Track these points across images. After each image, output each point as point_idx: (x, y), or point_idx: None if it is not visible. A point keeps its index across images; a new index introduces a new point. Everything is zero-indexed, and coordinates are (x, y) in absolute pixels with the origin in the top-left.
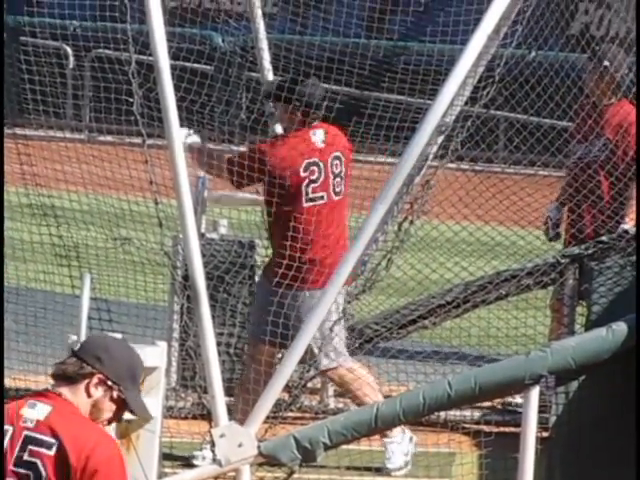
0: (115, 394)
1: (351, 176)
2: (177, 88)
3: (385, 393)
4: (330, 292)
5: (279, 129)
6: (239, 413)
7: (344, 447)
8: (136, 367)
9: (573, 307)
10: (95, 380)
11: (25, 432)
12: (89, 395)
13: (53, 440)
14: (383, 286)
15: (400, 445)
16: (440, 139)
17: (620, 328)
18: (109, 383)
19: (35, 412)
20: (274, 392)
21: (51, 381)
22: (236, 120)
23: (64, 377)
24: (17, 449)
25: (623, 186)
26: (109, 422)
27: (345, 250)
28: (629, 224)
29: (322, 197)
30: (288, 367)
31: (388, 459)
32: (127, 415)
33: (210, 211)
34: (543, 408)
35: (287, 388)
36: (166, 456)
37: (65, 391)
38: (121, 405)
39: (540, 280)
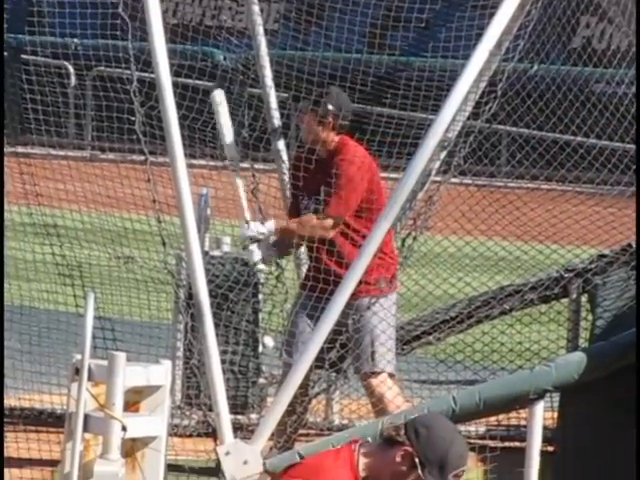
0: (418, 474)
1: None
2: (179, 106)
3: None
4: (338, 303)
5: (281, 145)
6: None
7: None
8: (451, 459)
9: (577, 321)
10: (402, 451)
11: None
12: (393, 463)
13: None
14: None
15: None
16: (443, 154)
17: (624, 342)
18: (415, 460)
19: None
20: (279, 409)
21: None
22: (238, 137)
23: (383, 436)
24: None
25: None
26: None
27: None
28: None
29: None
30: (294, 382)
31: None
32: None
33: (213, 229)
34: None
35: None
36: (171, 475)
37: (374, 447)
38: None
39: (544, 295)
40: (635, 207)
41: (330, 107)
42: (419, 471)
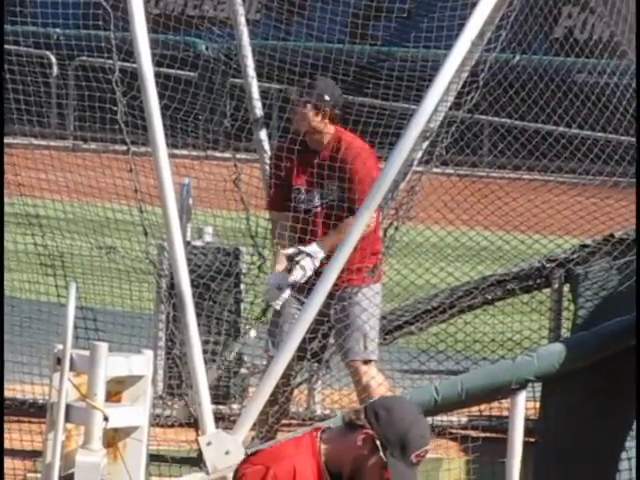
0: (380, 457)
1: None
2: (161, 95)
3: None
4: (320, 293)
5: (263, 135)
6: None
7: None
8: (412, 439)
9: (559, 311)
10: (363, 435)
11: None
12: (354, 447)
13: None
14: None
15: None
16: (425, 144)
17: (605, 332)
18: (376, 442)
19: None
20: (261, 399)
21: None
22: (220, 127)
23: (345, 420)
24: None
25: None
26: None
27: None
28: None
29: None
30: (276, 372)
31: None
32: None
33: (195, 218)
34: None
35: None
36: (153, 464)
37: (336, 432)
38: (384, 471)
39: (526, 285)
40: (633, 197)
41: (327, 97)
42: (381, 453)
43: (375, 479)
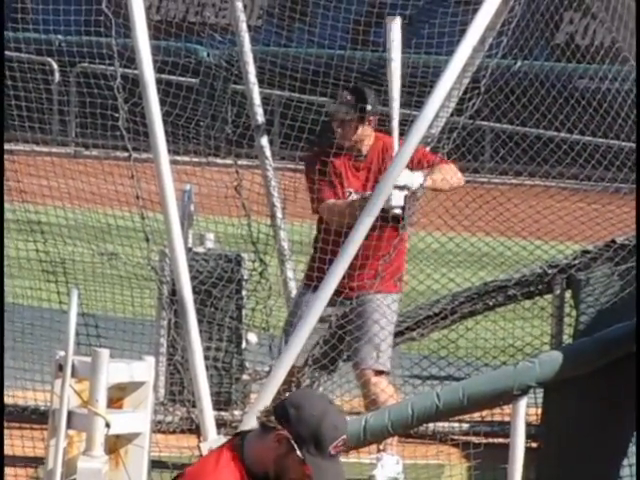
0: (297, 455)
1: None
2: (162, 102)
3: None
4: (322, 296)
5: (264, 142)
6: None
7: None
8: (325, 432)
9: (561, 317)
10: (277, 436)
11: None
12: (271, 448)
13: None
14: None
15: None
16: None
17: (607, 338)
18: (291, 442)
19: None
20: (262, 405)
21: None
22: (222, 134)
23: (258, 423)
24: None
25: None
26: None
27: None
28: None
29: None
30: (277, 378)
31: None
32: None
33: (196, 225)
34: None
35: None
36: (155, 471)
37: (253, 436)
38: (304, 467)
39: (527, 291)
40: (633, 204)
41: (369, 107)
42: (297, 452)
43: (298, 476)
